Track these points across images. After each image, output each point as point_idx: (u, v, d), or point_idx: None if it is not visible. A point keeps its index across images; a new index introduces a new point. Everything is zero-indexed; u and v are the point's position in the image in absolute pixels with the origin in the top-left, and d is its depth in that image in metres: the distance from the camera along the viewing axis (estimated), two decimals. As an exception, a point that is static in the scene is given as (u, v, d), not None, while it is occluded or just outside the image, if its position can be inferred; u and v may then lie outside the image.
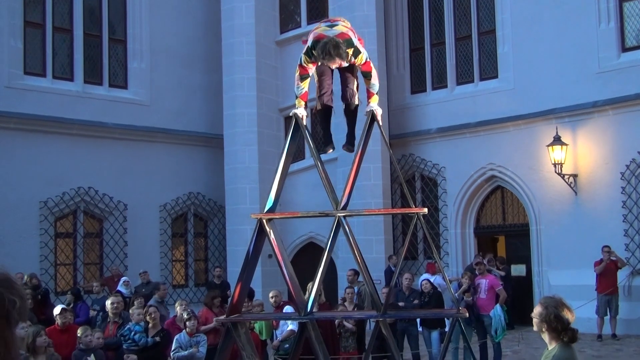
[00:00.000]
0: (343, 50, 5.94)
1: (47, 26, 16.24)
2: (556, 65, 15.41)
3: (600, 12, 14.96)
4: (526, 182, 15.89)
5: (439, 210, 17.19)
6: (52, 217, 15.80)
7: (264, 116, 17.60)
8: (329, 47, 5.88)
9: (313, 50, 6.11)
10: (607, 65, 14.82)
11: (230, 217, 17.48)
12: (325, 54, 5.90)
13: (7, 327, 2.01)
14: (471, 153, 16.59)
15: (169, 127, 17.63)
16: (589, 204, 15.02)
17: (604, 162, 14.87)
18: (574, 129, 15.19)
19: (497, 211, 17.14)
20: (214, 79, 18.23)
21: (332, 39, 5.96)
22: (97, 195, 16.38)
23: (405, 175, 17.48)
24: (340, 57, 5.95)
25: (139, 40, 17.49)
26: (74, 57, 16.59)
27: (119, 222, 16.69)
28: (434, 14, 17.86)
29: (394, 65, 18.07)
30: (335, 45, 5.90)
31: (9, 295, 2.00)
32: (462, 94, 17.02)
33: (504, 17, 16.35)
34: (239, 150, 17.38)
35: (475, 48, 17.07)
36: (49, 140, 15.68)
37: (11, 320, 2.01)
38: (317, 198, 14.86)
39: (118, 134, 16.75)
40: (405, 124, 17.73)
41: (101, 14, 17.14)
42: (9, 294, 2.00)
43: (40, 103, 15.58)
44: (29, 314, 9.60)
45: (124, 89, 17.32)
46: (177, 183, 17.69)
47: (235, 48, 17.57)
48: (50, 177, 15.62)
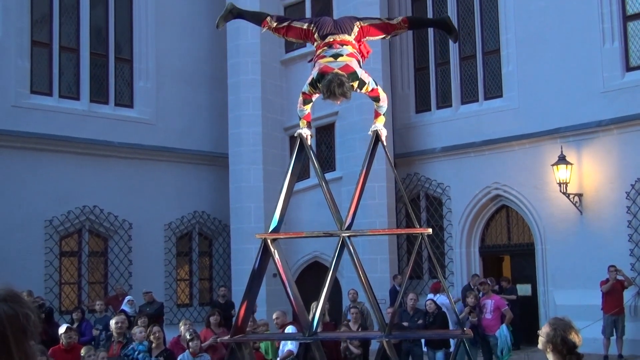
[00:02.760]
0: (347, 88, 5.98)
1: (54, 45, 16.33)
2: (561, 84, 15.42)
3: (605, 32, 14.99)
4: (531, 202, 15.85)
5: (443, 229, 17.15)
6: (57, 235, 15.81)
7: (269, 135, 17.63)
8: (333, 87, 5.92)
9: (318, 83, 6.14)
10: (612, 84, 14.83)
11: (235, 236, 17.46)
12: (329, 94, 5.97)
13: (25, 341, 2.07)
14: (476, 172, 16.57)
15: (174, 146, 17.67)
16: (594, 223, 14.97)
17: (609, 181, 14.83)
18: (579, 148, 15.17)
19: (502, 230, 17.09)
20: (219, 98, 18.28)
21: (336, 77, 5.97)
22: (102, 214, 16.39)
23: (410, 194, 17.46)
24: (344, 95, 6.00)
25: (145, 60, 17.57)
26: (80, 76, 16.67)
27: (123, 241, 16.68)
28: (438, 33, 17.90)
29: (398, 85, 18.11)
30: (340, 84, 5.92)
31: (21, 309, 2.05)
32: (467, 113, 17.03)
33: (509, 37, 16.39)
34: (244, 169, 17.39)
35: (479, 67, 17.10)
36: (54, 158, 15.72)
37: (28, 334, 2.07)
38: (322, 216, 14.82)
39: (124, 153, 16.79)
40: (410, 143, 17.74)
41: (108, 34, 17.24)
42: (20, 308, 2.05)
43: (46, 122, 15.64)
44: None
45: (130, 108, 17.38)
46: (182, 202, 17.69)
47: (241, 67, 17.63)
48: (56, 196, 15.64)
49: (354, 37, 6.41)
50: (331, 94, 5.97)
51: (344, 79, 5.98)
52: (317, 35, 6.39)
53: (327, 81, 5.97)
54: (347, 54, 6.24)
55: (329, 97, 6.04)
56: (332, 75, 5.99)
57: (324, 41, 6.33)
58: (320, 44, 6.36)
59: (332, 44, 6.30)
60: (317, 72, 6.18)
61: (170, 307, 17.12)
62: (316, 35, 6.40)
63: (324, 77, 6.06)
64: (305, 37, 6.59)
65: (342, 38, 6.34)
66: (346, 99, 6.14)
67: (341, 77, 5.98)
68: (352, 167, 16.38)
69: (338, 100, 6.08)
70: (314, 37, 6.44)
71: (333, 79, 5.95)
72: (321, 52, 6.31)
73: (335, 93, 5.95)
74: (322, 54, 6.29)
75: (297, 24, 6.56)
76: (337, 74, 6.00)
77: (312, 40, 6.49)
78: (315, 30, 6.41)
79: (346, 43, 6.32)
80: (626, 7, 15.09)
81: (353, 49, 6.33)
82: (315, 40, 6.43)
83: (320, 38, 6.37)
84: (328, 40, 6.32)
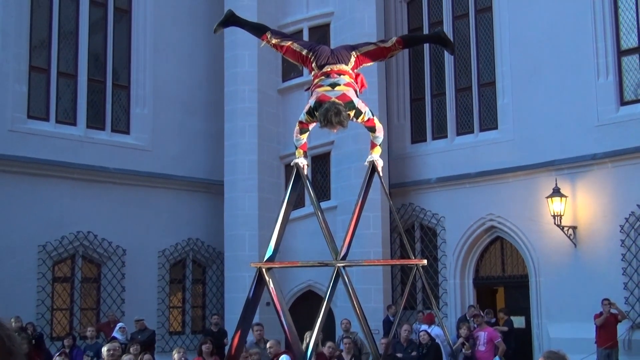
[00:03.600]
0: (344, 116, 6.08)
1: (52, 71, 16.41)
2: (556, 117, 15.54)
3: (599, 66, 15.14)
4: (525, 233, 15.87)
5: (438, 260, 17.14)
6: (51, 261, 15.75)
7: (265, 163, 17.67)
8: (330, 116, 6.01)
9: (315, 111, 6.21)
10: (606, 118, 14.94)
11: (229, 264, 17.42)
12: (327, 122, 6.05)
13: None
14: (471, 203, 16.61)
15: (170, 173, 17.69)
16: (588, 256, 14.99)
17: (603, 214, 14.88)
18: (573, 181, 15.24)
19: (496, 262, 17.10)
20: (216, 126, 18.34)
21: (333, 105, 6.06)
22: (96, 240, 16.35)
23: (404, 225, 17.48)
24: (341, 124, 6.10)
25: (142, 86, 17.65)
26: (77, 101, 16.73)
27: (117, 267, 16.63)
28: (434, 65, 18.07)
29: (394, 115, 18.21)
30: (337, 112, 6.02)
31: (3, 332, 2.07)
32: (462, 145, 17.12)
33: (504, 70, 16.53)
34: (239, 197, 17.40)
35: (475, 99, 17.22)
36: (50, 184, 15.72)
37: (14, 355, 2.08)
38: (317, 245, 14.81)
39: (119, 179, 16.80)
40: (406, 173, 17.79)
41: (106, 60, 17.34)
42: (2, 331, 2.07)
43: (42, 147, 15.67)
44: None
45: (126, 134, 17.43)
46: (177, 229, 17.67)
47: (238, 95, 17.72)
48: (50, 221, 15.62)
49: (351, 66, 6.50)
50: (328, 122, 6.05)
51: (341, 108, 6.07)
52: (315, 65, 6.48)
53: (324, 109, 6.06)
54: (344, 84, 6.33)
55: (326, 126, 6.12)
56: (329, 104, 6.07)
57: (322, 70, 6.41)
58: (318, 73, 6.45)
59: (329, 74, 6.38)
60: (314, 101, 6.27)
61: (163, 335, 17.02)
62: (314, 65, 6.49)
63: (321, 105, 6.15)
64: (302, 62, 6.69)
65: (339, 68, 6.43)
66: (343, 128, 6.23)
67: (338, 106, 6.06)
68: (347, 196, 16.41)
69: (335, 128, 6.15)
70: (312, 65, 6.53)
71: (330, 108, 6.03)
72: (318, 81, 6.40)
73: (332, 121, 6.03)
74: (319, 83, 6.37)
75: (296, 46, 6.64)
76: (334, 103, 6.08)
77: (309, 67, 6.58)
78: (313, 59, 6.50)
79: (343, 73, 6.41)
80: (620, 42, 15.26)
81: (350, 79, 6.42)
82: (312, 69, 6.52)
83: (317, 67, 6.46)
84: (325, 70, 6.40)
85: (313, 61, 6.51)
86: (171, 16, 18.26)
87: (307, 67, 6.69)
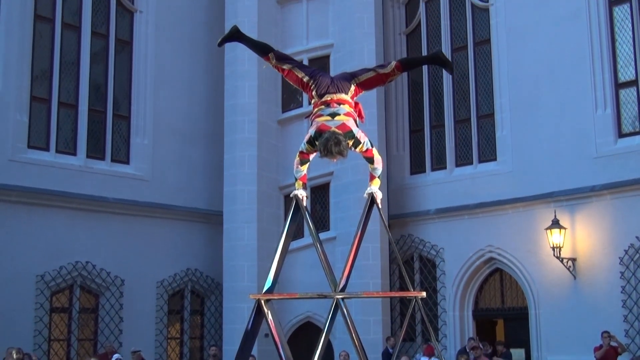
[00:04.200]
0: (344, 146, 6.15)
1: (53, 101, 16.49)
2: (554, 149, 15.59)
3: (597, 99, 15.23)
4: (525, 265, 15.85)
5: (437, 291, 17.09)
6: (48, 291, 15.69)
7: (264, 194, 17.67)
8: (330, 145, 6.07)
9: (315, 141, 6.26)
10: (605, 150, 15.00)
11: (228, 295, 17.35)
12: (326, 152, 6.10)
13: None
14: (470, 235, 16.60)
15: (169, 203, 17.69)
16: (588, 288, 14.95)
17: (602, 246, 14.87)
18: (572, 213, 15.25)
19: (495, 294, 17.04)
20: (215, 156, 18.39)
21: (333, 135, 6.12)
22: (94, 270, 16.31)
23: (403, 256, 17.46)
24: (341, 154, 6.15)
25: (142, 117, 17.72)
26: (77, 131, 16.78)
27: (115, 298, 16.56)
28: (433, 96, 18.17)
29: (393, 146, 18.27)
30: (336, 142, 6.08)
31: None
32: (461, 176, 17.16)
33: (503, 102, 16.62)
34: (238, 228, 17.38)
35: (474, 131, 17.29)
36: (49, 213, 15.72)
37: None
38: (316, 277, 14.78)
39: (118, 209, 16.79)
40: (405, 205, 17.80)
41: (107, 90, 17.42)
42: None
43: (42, 176, 15.68)
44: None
45: (126, 164, 17.46)
46: (175, 259, 17.63)
47: (238, 126, 17.78)
48: (49, 251, 15.58)
49: (351, 95, 6.57)
50: (328, 152, 6.11)
51: (341, 138, 6.12)
52: (315, 93, 6.54)
53: (324, 139, 6.11)
54: (344, 113, 6.39)
55: (326, 155, 6.17)
56: (329, 134, 6.13)
57: (322, 99, 6.48)
58: (318, 102, 6.51)
59: (329, 103, 6.44)
60: (314, 130, 6.33)
61: (160, 366, 16.92)
62: (314, 93, 6.55)
63: (321, 135, 6.20)
64: (302, 88, 6.76)
65: (339, 97, 6.48)
66: (343, 157, 6.27)
67: (338, 136, 6.12)
68: (346, 227, 16.41)
69: (335, 158, 6.20)
70: (312, 92, 6.59)
71: (330, 137, 6.09)
72: (318, 110, 6.46)
73: (332, 151, 6.08)
74: (319, 112, 6.43)
75: (298, 71, 6.70)
76: (334, 133, 6.14)
77: (309, 94, 6.65)
78: (314, 87, 6.56)
79: (343, 102, 6.47)
80: (618, 75, 15.37)
81: (350, 108, 6.48)
82: (312, 97, 6.59)
83: (317, 96, 6.52)
84: (325, 99, 6.46)
85: (313, 89, 6.58)
86: (172, 47, 18.40)
87: (307, 94, 6.76)
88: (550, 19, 16.04)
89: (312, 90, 6.59)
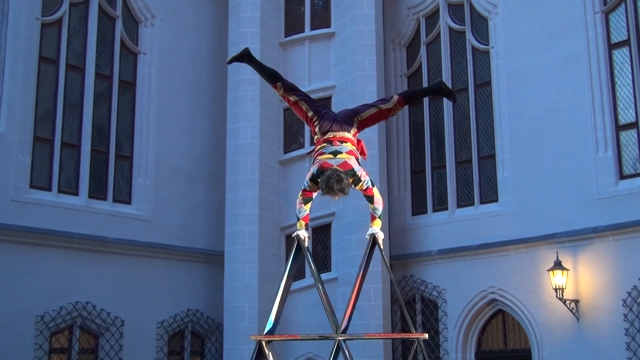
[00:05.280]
0: (345, 184, 6.24)
1: (56, 142, 16.56)
2: (556, 190, 15.61)
3: (598, 141, 15.29)
4: (527, 307, 15.76)
5: (439, 333, 16.97)
6: (48, 331, 15.59)
7: (265, 234, 17.66)
8: (332, 183, 6.15)
9: (317, 178, 6.33)
10: (606, 192, 15.01)
11: (228, 336, 17.23)
12: (328, 189, 6.17)
13: None
14: (472, 276, 16.55)
15: (170, 243, 17.68)
16: (591, 330, 14.85)
17: (605, 288, 14.80)
18: (575, 254, 15.21)
19: (498, 335, 16.92)
20: (217, 197, 18.42)
21: (335, 172, 6.21)
22: (94, 311, 16.22)
23: (405, 297, 17.37)
24: (343, 191, 6.23)
25: (144, 157, 17.80)
26: (80, 171, 16.83)
27: (115, 339, 16.45)
28: (434, 138, 18.26)
29: (395, 187, 18.31)
30: (338, 180, 6.16)
31: None
32: (463, 217, 17.15)
33: (504, 143, 16.69)
34: (239, 268, 17.33)
35: (475, 172, 17.33)
36: (50, 254, 15.69)
37: None
38: (317, 317, 14.72)
39: (119, 249, 16.77)
40: (406, 245, 17.77)
41: (109, 131, 17.52)
42: None
43: (43, 217, 15.69)
44: None
45: (128, 204, 17.48)
46: (176, 300, 17.55)
47: (240, 166, 17.84)
48: (49, 291, 15.53)
49: (353, 132, 6.65)
50: (330, 190, 6.18)
51: (343, 175, 6.21)
52: (318, 130, 6.62)
53: (326, 177, 6.19)
54: (346, 152, 6.48)
55: (328, 193, 6.24)
56: (330, 172, 6.22)
57: (324, 137, 6.56)
58: (320, 139, 6.61)
59: (331, 141, 6.53)
60: (316, 168, 6.42)
61: (159, 409, 16.73)
62: (317, 129, 6.64)
63: (323, 172, 6.26)
64: (306, 121, 6.89)
65: (341, 135, 6.59)
66: (344, 195, 6.33)
67: (340, 174, 6.20)
68: (348, 267, 16.36)
69: (336, 195, 6.27)
70: (315, 129, 6.68)
71: (332, 175, 6.17)
72: (320, 148, 6.55)
73: (333, 189, 6.16)
74: (321, 150, 6.52)
75: (303, 105, 6.82)
76: (335, 170, 6.23)
77: (312, 129, 6.76)
78: (318, 123, 6.64)
79: (345, 140, 6.58)
80: (618, 117, 15.45)
81: (352, 146, 6.58)
82: (315, 133, 6.68)
83: (320, 132, 6.61)
84: (328, 137, 6.55)
85: (317, 126, 6.66)
86: (175, 89, 18.56)
87: (310, 127, 6.86)
88: (551, 62, 16.18)
89: (315, 126, 6.68)
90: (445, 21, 18.30)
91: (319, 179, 6.32)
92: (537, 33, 16.52)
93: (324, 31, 18.74)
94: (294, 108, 6.87)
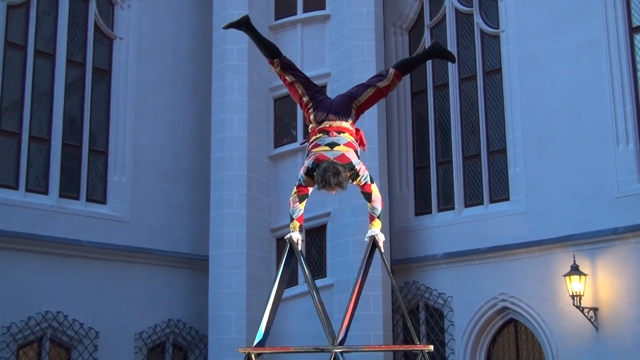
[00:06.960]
0: (343, 177, 6.23)
1: (24, 135, 16.50)
2: (572, 188, 15.61)
3: (619, 133, 15.29)
4: (542, 316, 15.78)
5: (445, 344, 16.99)
6: (15, 344, 15.55)
7: (254, 237, 17.63)
8: (328, 176, 6.13)
9: (313, 172, 6.31)
10: (627, 189, 15.01)
11: (213, 349, 17.22)
12: (325, 183, 6.16)
13: None
14: (481, 282, 16.55)
15: (150, 247, 17.65)
16: (611, 341, 14.86)
17: (626, 294, 14.82)
18: (593, 258, 15.23)
19: (510, 347, 16.94)
20: (200, 196, 18.39)
21: (331, 165, 6.19)
22: (66, 321, 16.19)
23: (408, 305, 17.37)
24: (340, 185, 6.21)
25: (121, 153, 17.75)
26: (50, 168, 16.78)
27: (88, 352, 16.42)
28: (440, 130, 18.25)
29: (396, 185, 18.29)
30: (335, 173, 6.15)
31: None
32: (471, 217, 17.15)
33: (516, 136, 16.69)
34: (225, 274, 17.30)
35: (484, 168, 17.33)
36: (17, 258, 15.64)
37: None
38: (311, 328, 14.71)
39: (93, 253, 16.74)
40: (409, 249, 17.77)
41: (82, 124, 17.46)
42: None
43: (10, 218, 15.64)
44: None
45: (103, 204, 17.44)
46: (156, 309, 17.52)
47: (225, 162, 17.80)
48: (16, 300, 15.48)
49: (351, 121, 6.64)
50: (326, 184, 6.17)
51: (340, 168, 6.19)
52: (313, 118, 6.60)
53: (322, 170, 6.18)
54: (344, 144, 6.46)
55: (324, 187, 6.23)
56: (327, 164, 6.20)
57: (320, 126, 6.53)
58: (316, 129, 6.58)
59: (328, 131, 6.50)
60: (312, 161, 6.39)
61: None
62: (312, 117, 6.61)
63: (319, 165, 6.24)
64: (300, 105, 6.86)
65: (338, 125, 6.57)
66: (342, 189, 6.31)
67: (337, 166, 6.19)
68: (344, 273, 16.35)
69: (333, 190, 6.26)
70: (310, 117, 6.65)
71: (328, 168, 6.16)
72: (316, 139, 6.52)
73: (330, 182, 6.15)
74: (317, 142, 6.50)
75: (299, 87, 6.79)
76: (332, 163, 6.22)
77: (307, 116, 6.73)
78: (313, 110, 6.61)
79: (343, 130, 6.56)
80: (641, 107, 15.47)
81: (350, 137, 6.57)
82: (310, 121, 6.65)
83: (315, 121, 6.57)
84: (324, 127, 6.52)
85: (312, 113, 6.64)
86: (154, 77, 18.51)
87: (305, 113, 6.84)
88: (567, 47, 16.18)
89: (310, 114, 6.66)
90: (451, 2, 18.29)
91: (314, 172, 6.31)
92: (552, 16, 16.51)
93: (318, 13, 18.72)
94: (290, 89, 6.86)
